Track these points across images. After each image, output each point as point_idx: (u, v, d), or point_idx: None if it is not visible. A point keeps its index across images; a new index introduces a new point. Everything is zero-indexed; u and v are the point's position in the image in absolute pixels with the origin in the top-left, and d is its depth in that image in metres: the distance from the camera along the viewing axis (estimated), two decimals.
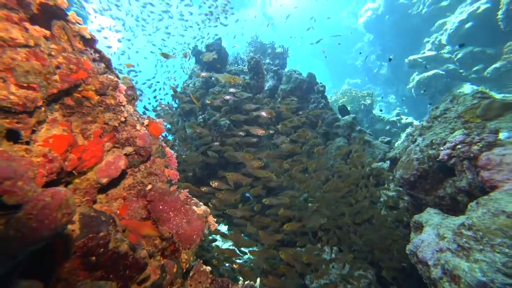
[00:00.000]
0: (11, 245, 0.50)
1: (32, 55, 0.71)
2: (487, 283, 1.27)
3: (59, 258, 0.74)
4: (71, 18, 0.86)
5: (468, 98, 2.65)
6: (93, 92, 0.92)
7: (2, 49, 0.66)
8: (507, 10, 5.91)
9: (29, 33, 0.71)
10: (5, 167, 0.51)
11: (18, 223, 0.51)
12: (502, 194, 1.46)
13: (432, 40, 12.11)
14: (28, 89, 0.70)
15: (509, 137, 1.74)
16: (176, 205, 1.20)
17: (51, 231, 0.54)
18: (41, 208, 0.53)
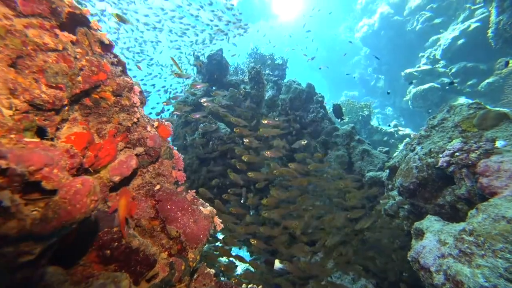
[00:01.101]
0: (49, 225, 0.53)
1: (61, 58, 0.76)
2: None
3: (77, 249, 0.76)
4: (93, 25, 0.92)
5: (465, 109, 2.74)
6: (110, 93, 0.97)
7: (35, 53, 0.71)
8: (497, 29, 6.17)
9: (58, 38, 0.77)
10: (44, 156, 0.55)
11: (55, 206, 0.54)
12: (502, 200, 1.50)
13: (427, 54, 12.47)
14: (56, 88, 0.74)
15: (506, 145, 1.80)
16: (184, 205, 1.23)
17: (82, 214, 0.58)
18: (73, 193, 0.57)
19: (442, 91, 10.94)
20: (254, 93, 4.54)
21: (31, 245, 0.55)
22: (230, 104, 4.33)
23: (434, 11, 13.14)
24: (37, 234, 0.54)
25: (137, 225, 1.17)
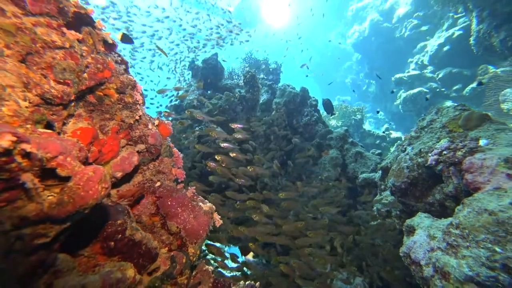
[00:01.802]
0: (65, 209, 0.57)
1: (68, 55, 0.80)
2: (473, 277, 1.35)
3: (84, 239, 0.79)
4: (97, 24, 0.96)
5: (451, 110, 2.86)
6: (114, 91, 1.00)
7: (44, 50, 0.75)
8: (477, 37, 6.47)
9: (65, 36, 0.81)
10: (58, 144, 0.58)
11: (70, 191, 0.57)
12: (484, 194, 1.58)
13: (415, 60, 12.84)
14: (64, 84, 0.78)
15: (488, 144, 1.90)
16: (184, 201, 1.26)
17: (94, 200, 0.61)
18: (86, 180, 0.60)
19: (430, 95, 11.26)
20: (249, 96, 4.61)
21: (47, 228, 0.58)
22: (226, 107, 4.38)
23: (420, 19, 13.60)
24: (54, 217, 0.57)
25: (137, 221, 1.19)
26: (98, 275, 0.74)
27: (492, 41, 6.28)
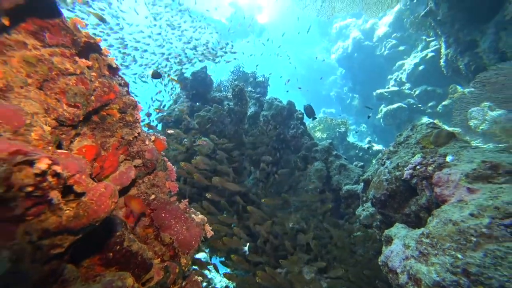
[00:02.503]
0: (81, 221, 0.64)
1: (79, 81, 0.88)
2: (440, 282, 1.50)
3: (86, 250, 0.85)
4: (103, 51, 1.06)
5: (424, 128, 3.11)
6: (116, 111, 1.09)
7: (58, 77, 0.83)
8: (446, 59, 7.07)
9: (77, 64, 0.90)
10: (76, 164, 0.66)
11: (84, 206, 0.65)
12: (450, 206, 1.76)
13: (394, 77, 13.59)
14: (75, 107, 0.86)
15: (453, 160, 2.11)
16: (177, 214, 1.33)
17: (105, 213, 0.69)
18: (99, 196, 0.68)
19: (409, 110, 11.92)
20: (238, 109, 4.74)
21: (63, 239, 0.65)
22: (214, 119, 4.48)
23: (398, 40, 14.52)
24: (70, 229, 0.64)
25: (132, 233, 1.25)
26: (101, 284, 0.79)
27: (458, 64, 6.85)
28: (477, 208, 1.56)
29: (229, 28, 19.80)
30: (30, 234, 0.60)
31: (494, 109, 5.16)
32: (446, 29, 7.38)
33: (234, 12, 19.91)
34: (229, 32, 19.87)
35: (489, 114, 5.20)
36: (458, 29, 6.96)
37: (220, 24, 20.40)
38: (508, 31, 4.91)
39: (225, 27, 20.24)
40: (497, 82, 2.68)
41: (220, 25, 20.46)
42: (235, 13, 19.84)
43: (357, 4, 5.46)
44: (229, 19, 20.10)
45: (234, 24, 19.94)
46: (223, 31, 20.20)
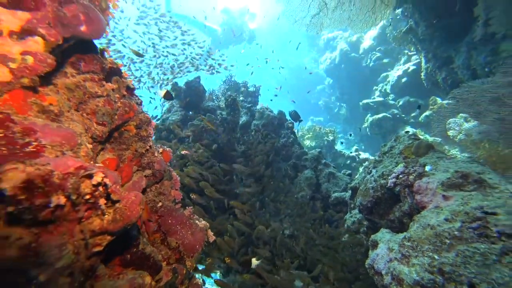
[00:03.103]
0: (117, 225, 0.75)
1: (106, 102, 1.00)
2: (419, 281, 1.67)
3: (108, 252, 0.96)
4: (124, 74, 1.18)
5: (406, 139, 3.36)
6: (133, 127, 1.20)
7: (89, 99, 0.95)
8: (426, 73, 7.55)
9: (104, 87, 1.02)
10: (113, 176, 0.78)
11: (120, 211, 0.76)
12: (428, 212, 1.96)
13: (379, 88, 14.19)
14: (103, 125, 0.98)
15: (431, 169, 2.33)
16: (182, 220, 1.44)
17: (135, 218, 0.80)
18: (131, 203, 0.80)
19: (393, 120, 12.46)
20: (230, 119, 4.88)
21: (103, 239, 0.75)
22: (208, 128, 4.60)
23: (382, 53, 15.23)
24: (109, 231, 0.75)
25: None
26: (125, 280, 0.89)
27: (437, 78, 7.33)
28: (450, 214, 1.75)
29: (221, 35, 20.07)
30: (84, 233, 0.70)
31: (469, 121, 5.55)
32: (425, 45, 7.90)
33: (226, 19, 20.25)
34: (220, 38, 20.14)
35: (465, 125, 5.59)
36: (436, 46, 7.47)
37: (212, 30, 20.61)
38: (477, 50, 5.36)
39: (217, 33, 20.48)
40: (468, 99, 2.97)
41: (211, 31, 20.66)
42: (227, 20, 20.19)
43: (343, 21, 5.79)
44: (221, 25, 20.41)
45: (226, 31, 20.25)
46: (215, 38, 20.46)
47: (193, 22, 20.15)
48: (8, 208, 0.57)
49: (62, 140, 0.72)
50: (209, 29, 20.45)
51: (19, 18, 0.66)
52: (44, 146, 0.68)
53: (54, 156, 0.68)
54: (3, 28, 0.65)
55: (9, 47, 0.66)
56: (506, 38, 4.53)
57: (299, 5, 5.77)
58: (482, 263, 1.41)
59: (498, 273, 1.31)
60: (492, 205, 1.60)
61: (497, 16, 4.42)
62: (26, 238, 0.60)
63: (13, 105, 0.69)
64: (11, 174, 0.58)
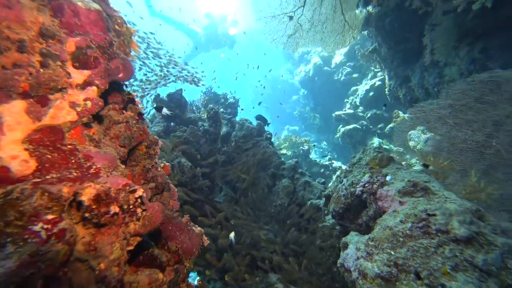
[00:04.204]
0: (146, 228, 0.95)
1: (126, 128, 1.20)
2: (379, 273, 2.00)
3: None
4: (137, 102, 1.38)
5: (372, 151, 3.81)
6: (144, 146, 1.40)
7: (113, 126, 1.14)
8: (390, 89, 8.41)
9: (124, 115, 1.21)
10: (145, 190, 0.98)
11: (148, 218, 0.96)
12: (387, 216, 2.33)
13: (350, 101, 15.22)
14: (124, 147, 1.17)
15: (391, 179, 2.75)
16: (181, 226, 1.63)
17: (158, 224, 1.01)
18: (155, 211, 1.00)
19: (362, 131, 13.44)
20: (212, 130, 5.08)
21: (134, 240, 0.94)
22: (190, 139, 4.75)
23: (352, 68, 16.43)
24: (139, 234, 0.94)
25: None
26: (144, 275, 1.07)
27: (398, 94, 8.19)
28: (404, 216, 2.13)
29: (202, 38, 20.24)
30: (125, 234, 0.88)
31: (425, 133, 6.29)
32: (388, 64, 8.81)
33: (209, 23, 20.42)
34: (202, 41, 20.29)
35: (422, 136, 6.32)
36: (396, 66, 8.38)
37: (194, 32, 20.63)
38: (428, 72, 6.18)
39: (199, 35, 20.57)
40: (420, 117, 3.51)
41: (193, 33, 20.69)
42: (209, 24, 20.36)
43: (316, 41, 6.31)
44: (204, 28, 20.53)
45: (208, 35, 20.43)
46: (197, 40, 20.55)
47: (176, 23, 20.14)
48: (85, 214, 0.76)
49: (108, 163, 0.91)
50: (191, 31, 20.53)
51: (84, 74, 0.85)
52: (100, 169, 0.86)
53: (106, 176, 0.87)
54: (73, 83, 0.84)
55: (77, 96, 0.84)
56: (447, 65, 5.32)
57: (277, 25, 6.20)
58: (425, 255, 1.78)
59: (434, 262, 1.68)
60: (433, 208, 2.00)
61: (438, 47, 5.20)
62: (87, 237, 0.78)
63: (76, 138, 0.87)
64: (87, 190, 0.76)
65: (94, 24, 0.89)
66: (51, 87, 0.79)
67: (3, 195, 0.66)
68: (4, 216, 0.64)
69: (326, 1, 5.84)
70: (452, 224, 1.87)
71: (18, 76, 0.73)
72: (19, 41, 0.73)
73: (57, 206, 0.73)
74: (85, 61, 0.85)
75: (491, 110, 3.24)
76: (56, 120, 0.80)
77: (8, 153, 0.70)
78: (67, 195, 0.76)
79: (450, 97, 3.70)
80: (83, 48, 0.85)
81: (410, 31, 6.82)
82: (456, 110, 3.56)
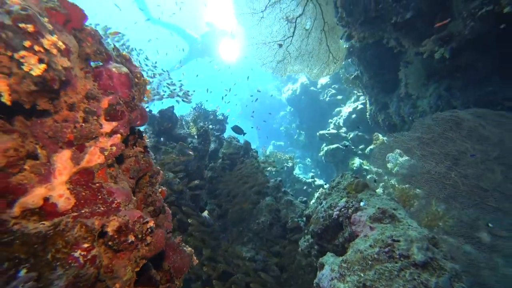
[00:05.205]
0: (151, 253, 1.13)
1: (136, 161, 1.39)
2: None
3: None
4: (144, 137, 1.58)
5: (349, 177, 4.14)
6: (148, 176, 1.59)
7: (125, 160, 1.34)
8: (370, 114, 9.02)
9: (134, 149, 1.41)
10: (152, 220, 1.17)
11: (154, 243, 1.15)
12: (359, 240, 2.60)
13: (333, 121, 15.91)
14: (133, 179, 1.36)
15: (365, 205, 3.05)
16: (174, 246, 1.80)
17: (161, 248, 1.19)
18: (159, 238, 1.19)
19: (344, 151, 14.05)
20: (201, 147, 5.27)
21: (140, 262, 1.11)
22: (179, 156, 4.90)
23: (336, 90, 17.30)
24: (146, 257, 1.12)
25: None
26: None
27: (378, 119, 8.80)
28: (373, 241, 2.41)
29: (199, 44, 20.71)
30: (136, 258, 1.06)
31: (402, 156, 6.76)
32: (369, 91, 9.49)
33: (208, 31, 20.87)
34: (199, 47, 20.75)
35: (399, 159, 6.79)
36: (376, 93, 9.05)
37: (192, 38, 21.01)
38: (404, 102, 6.78)
39: (197, 42, 21.00)
40: (393, 147, 3.90)
41: (191, 39, 21.07)
42: (208, 32, 20.82)
43: (303, 68, 6.78)
44: (202, 36, 20.96)
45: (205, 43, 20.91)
46: (194, 46, 20.96)
47: (174, 28, 20.49)
48: (109, 242, 0.94)
49: (126, 198, 1.10)
50: (189, 37, 20.97)
51: (112, 125, 1.06)
52: (120, 203, 1.05)
53: (125, 209, 1.05)
54: (104, 132, 1.03)
55: (106, 143, 1.04)
56: (419, 98, 5.91)
57: (267, 51, 6.63)
58: (389, 277, 2.04)
59: (397, 284, 1.94)
60: (398, 235, 2.29)
61: (411, 83, 5.79)
62: (106, 260, 0.95)
63: (102, 176, 1.05)
64: (112, 223, 0.95)
65: (122, 84, 1.11)
66: (89, 137, 0.98)
67: (53, 227, 0.83)
68: (54, 244, 0.81)
69: (313, 34, 6.36)
70: (413, 250, 2.16)
71: (66, 129, 0.93)
72: (71, 103, 0.93)
73: (91, 236, 0.90)
74: (114, 114, 1.05)
75: (451, 146, 3.69)
76: (90, 163, 0.99)
77: (57, 193, 0.88)
78: (97, 227, 0.94)
79: (418, 130, 4.15)
80: (113, 105, 1.05)
81: (388, 65, 7.49)
82: (423, 143, 4.00)
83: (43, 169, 0.87)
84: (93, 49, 1.07)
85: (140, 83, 1.31)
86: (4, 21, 0.65)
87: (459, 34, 3.74)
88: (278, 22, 6.29)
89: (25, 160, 0.80)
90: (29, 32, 0.68)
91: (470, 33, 3.54)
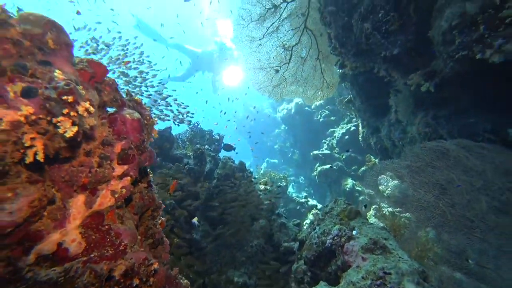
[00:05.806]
0: None
1: (140, 198, 1.46)
2: None
3: None
4: (149, 172, 1.65)
5: (342, 203, 4.23)
6: (150, 210, 1.64)
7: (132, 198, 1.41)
8: (363, 136, 9.29)
9: (138, 186, 1.48)
10: (157, 262, 1.22)
11: (156, 281, 1.20)
12: (351, 270, 2.65)
13: (327, 142, 16.21)
14: (137, 215, 1.42)
15: (357, 233, 3.11)
16: (171, 279, 1.82)
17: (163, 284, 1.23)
18: (161, 277, 1.24)
19: (337, 172, 14.20)
20: (197, 169, 5.31)
21: None
22: (175, 177, 4.92)
23: (330, 111, 17.76)
24: None
25: None
26: None
27: (370, 141, 9.05)
28: (365, 273, 2.46)
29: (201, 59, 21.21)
30: None
31: (393, 178, 6.90)
32: (361, 114, 9.82)
33: (214, 48, 21.29)
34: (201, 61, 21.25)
35: (391, 183, 6.92)
36: (369, 117, 9.37)
37: (192, 52, 21.45)
38: (394, 127, 7.05)
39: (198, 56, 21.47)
40: (383, 173, 4.04)
41: (192, 53, 21.52)
42: (214, 50, 21.25)
43: (298, 93, 7.04)
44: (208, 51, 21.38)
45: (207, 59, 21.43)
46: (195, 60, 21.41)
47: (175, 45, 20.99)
48: (115, 286, 0.99)
49: (132, 238, 1.15)
50: (189, 52, 21.51)
51: (123, 168, 1.14)
52: (126, 245, 1.11)
53: (131, 251, 1.11)
54: (115, 175, 1.11)
55: (117, 185, 1.12)
56: (408, 124, 6.18)
57: (264, 76, 6.89)
58: None
59: None
60: (389, 267, 2.35)
61: (401, 110, 6.08)
62: None
63: (111, 218, 1.12)
64: (119, 267, 1.00)
65: (134, 129, 1.20)
66: (102, 181, 1.06)
67: (63, 273, 0.89)
68: None
69: (308, 62, 6.69)
70: (404, 283, 2.22)
71: (81, 173, 1.00)
72: (88, 150, 1.02)
73: (99, 282, 0.96)
74: (126, 158, 1.14)
75: (438, 175, 3.85)
76: (101, 206, 1.06)
77: (70, 238, 0.94)
78: (105, 272, 0.99)
79: (408, 158, 4.33)
80: (126, 149, 1.14)
81: (379, 91, 7.85)
82: (412, 171, 4.16)
83: (59, 214, 0.93)
84: (110, 97, 1.17)
85: (149, 124, 1.41)
86: (50, 95, 0.75)
87: (441, 71, 4.03)
88: (275, 50, 6.61)
89: (45, 207, 0.87)
90: (69, 102, 0.78)
91: (450, 71, 3.83)
